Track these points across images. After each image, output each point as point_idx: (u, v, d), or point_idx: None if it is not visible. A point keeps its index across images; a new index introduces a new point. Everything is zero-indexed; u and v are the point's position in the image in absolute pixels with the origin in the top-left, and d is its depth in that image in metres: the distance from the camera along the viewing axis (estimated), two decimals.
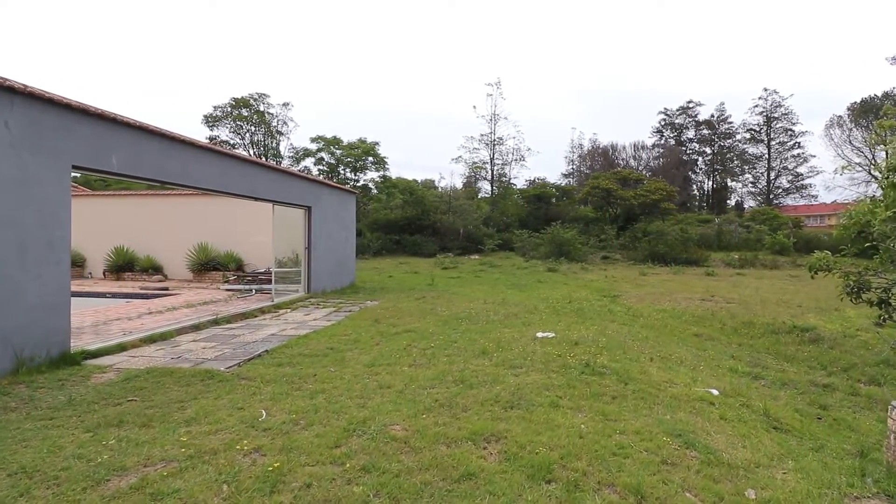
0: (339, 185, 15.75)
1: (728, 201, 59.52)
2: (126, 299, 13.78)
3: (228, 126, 37.05)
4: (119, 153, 6.89)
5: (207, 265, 17.24)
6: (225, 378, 5.51)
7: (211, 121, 36.72)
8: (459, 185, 43.21)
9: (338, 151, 33.01)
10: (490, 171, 41.68)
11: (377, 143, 33.87)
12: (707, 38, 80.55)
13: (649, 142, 59.94)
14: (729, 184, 60.36)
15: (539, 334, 8.00)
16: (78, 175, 6.51)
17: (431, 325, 9.00)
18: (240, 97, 36.48)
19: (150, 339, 7.52)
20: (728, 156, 57.93)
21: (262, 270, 15.65)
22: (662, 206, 36.28)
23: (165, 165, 7.82)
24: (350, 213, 16.53)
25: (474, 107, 49.70)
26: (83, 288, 14.53)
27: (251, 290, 14.09)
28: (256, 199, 10.67)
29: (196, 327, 8.63)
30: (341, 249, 15.59)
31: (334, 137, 33.52)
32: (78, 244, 18.78)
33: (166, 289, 14.56)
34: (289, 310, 11.18)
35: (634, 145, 56.70)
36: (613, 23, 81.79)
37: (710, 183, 61.52)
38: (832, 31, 76.85)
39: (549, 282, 18.76)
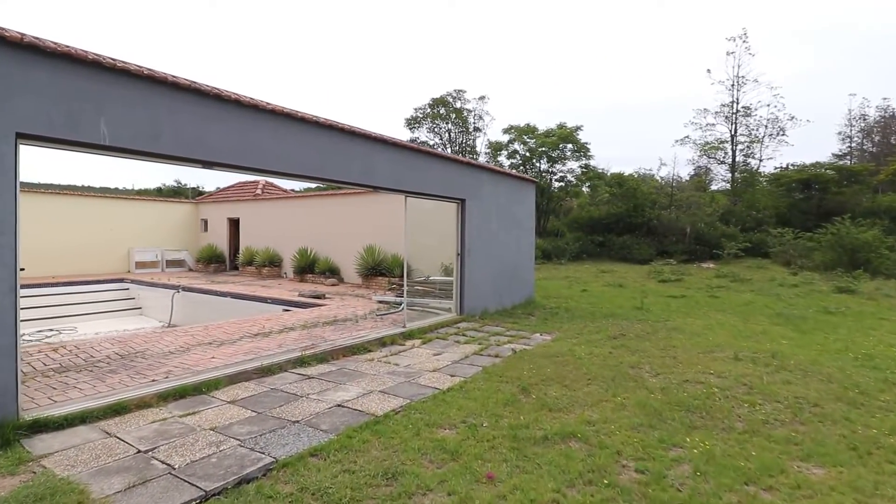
0: (508, 172, 12.04)
1: None
2: (284, 306, 12.76)
3: (427, 126, 37.08)
4: (113, 117, 4.52)
5: (375, 269, 15.63)
6: None
7: (412, 123, 37.31)
8: (684, 173, 34.69)
9: (531, 141, 29.20)
10: (730, 152, 32.16)
11: (578, 128, 28.83)
12: None
13: None
14: None
15: None
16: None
17: (622, 422, 4.50)
18: (438, 96, 36.10)
19: (179, 393, 5.09)
20: None
21: (422, 279, 13.08)
22: None
23: (206, 138, 5.31)
24: (527, 207, 12.66)
25: (708, 70, 38.18)
26: (253, 292, 14.18)
27: (400, 305, 11.50)
28: (375, 188, 7.75)
29: (265, 371, 6.03)
30: (512, 255, 11.86)
31: (528, 125, 29.77)
32: (276, 245, 19.64)
33: (323, 296, 13.13)
34: (419, 341, 7.99)
35: None
36: None
37: None
38: None
39: (850, 314, 11.42)
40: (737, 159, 32.41)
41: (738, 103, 31.81)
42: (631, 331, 8.90)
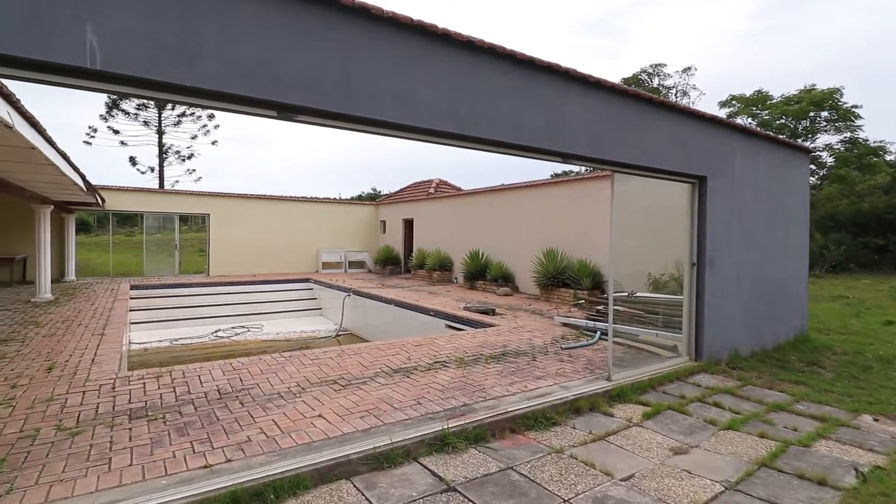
0: (770, 135, 7.75)
1: None
2: (446, 321, 10.73)
3: None
4: (108, 23, 2.55)
5: (556, 279, 12.63)
6: None
7: None
8: None
9: (763, 113, 22.06)
10: None
11: (839, 90, 20.73)
12: None
13: None
14: None
15: None
16: None
17: None
18: (630, 75, 30.84)
19: None
20: None
21: (625, 294, 9.62)
22: None
23: (278, 63, 3.09)
24: (798, 190, 8.18)
25: None
26: (417, 300, 12.47)
27: (594, 333, 8.28)
28: (563, 155, 4.77)
29: (381, 460, 3.61)
30: (777, 265, 7.61)
31: (758, 93, 22.64)
32: (448, 247, 18.04)
33: (492, 311, 10.62)
34: (638, 412, 4.76)
35: None
36: None
37: None
38: None
39: None
40: None
41: None
42: None
